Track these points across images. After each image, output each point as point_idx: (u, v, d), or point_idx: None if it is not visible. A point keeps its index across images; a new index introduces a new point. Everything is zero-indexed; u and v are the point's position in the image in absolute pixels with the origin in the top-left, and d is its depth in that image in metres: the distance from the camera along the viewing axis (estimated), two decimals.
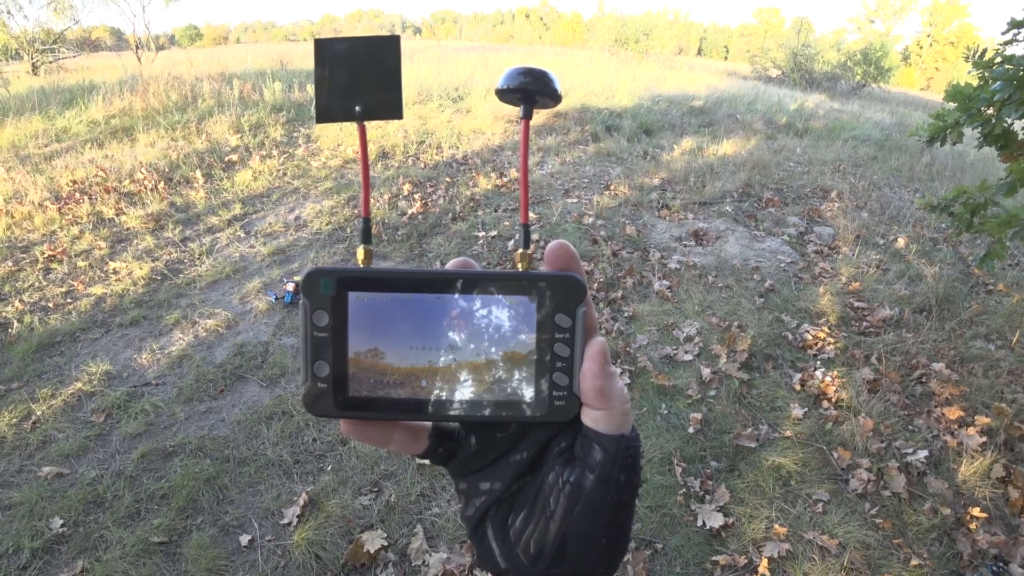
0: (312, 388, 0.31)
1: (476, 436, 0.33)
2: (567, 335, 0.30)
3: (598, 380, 0.30)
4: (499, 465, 0.33)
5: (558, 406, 0.30)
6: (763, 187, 5.61)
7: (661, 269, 3.89)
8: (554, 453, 0.31)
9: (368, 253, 0.33)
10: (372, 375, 0.30)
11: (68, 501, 2.19)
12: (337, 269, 0.30)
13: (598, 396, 0.30)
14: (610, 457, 0.29)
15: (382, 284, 0.30)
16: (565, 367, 0.30)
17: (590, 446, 0.30)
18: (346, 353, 0.30)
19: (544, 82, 0.32)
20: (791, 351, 3.05)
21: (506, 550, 0.31)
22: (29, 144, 6.49)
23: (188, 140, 6.44)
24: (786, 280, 3.81)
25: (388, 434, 0.32)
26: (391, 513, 2.10)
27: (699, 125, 8.05)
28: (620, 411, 0.30)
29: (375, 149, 6.17)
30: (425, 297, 0.30)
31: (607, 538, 0.30)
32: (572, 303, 0.30)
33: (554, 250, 0.32)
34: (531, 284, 0.30)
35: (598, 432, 0.30)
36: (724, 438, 2.42)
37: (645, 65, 14.53)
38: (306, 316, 0.30)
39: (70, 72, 12.20)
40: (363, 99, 0.33)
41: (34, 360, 3.04)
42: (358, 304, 0.30)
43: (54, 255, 4.12)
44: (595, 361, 0.30)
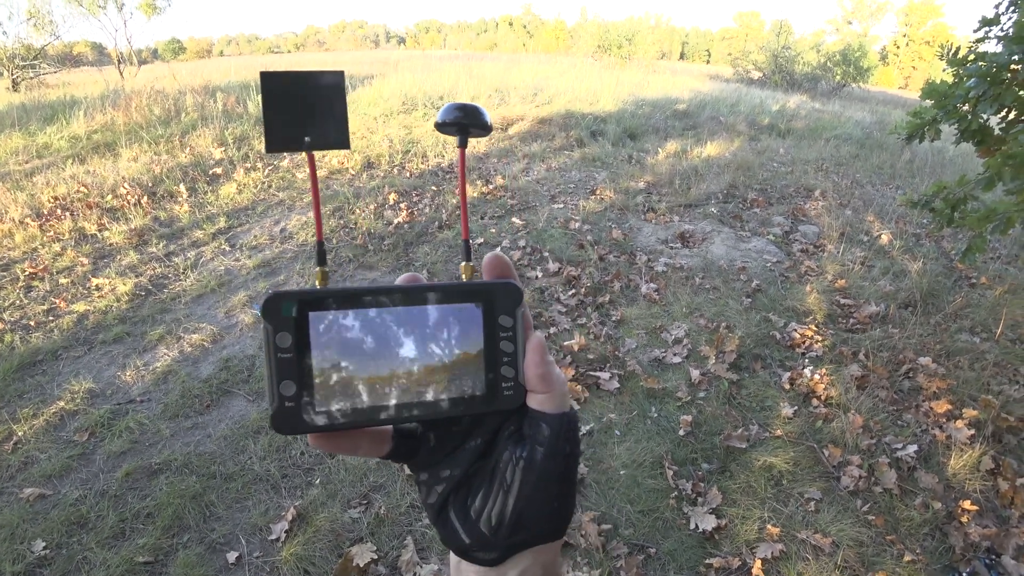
0: (280, 408, 0.32)
1: (434, 431, 0.36)
2: (510, 333, 0.34)
3: (540, 368, 0.34)
4: (456, 454, 0.36)
5: (507, 395, 0.34)
6: (747, 188, 5.65)
7: (648, 272, 3.90)
8: (505, 436, 0.35)
9: (324, 275, 0.36)
10: (337, 388, 0.32)
11: (50, 523, 2.14)
12: (297, 292, 0.32)
13: (541, 382, 0.34)
14: (555, 432, 0.33)
15: (340, 302, 0.32)
16: (511, 361, 0.34)
17: (537, 425, 0.34)
18: (311, 370, 0.32)
19: (475, 116, 0.37)
20: (779, 350, 3.06)
21: (469, 527, 0.35)
22: (9, 161, 6.39)
23: (172, 154, 6.38)
24: (772, 279, 3.83)
25: (355, 442, 0.34)
26: (381, 525, 2.07)
27: (683, 128, 8.12)
28: (560, 393, 0.34)
29: (361, 159, 6.15)
30: (381, 311, 0.32)
31: (558, 502, 0.34)
32: (512, 305, 0.34)
33: (492, 261, 0.36)
34: (476, 292, 0.34)
35: (544, 412, 0.34)
36: (715, 439, 2.42)
37: (628, 70, 14.65)
38: (269, 339, 0.31)
39: (51, 88, 12.08)
40: (311, 130, 0.35)
41: (15, 379, 2.98)
42: (319, 323, 0.32)
43: (35, 272, 4.05)
44: (536, 352, 0.34)
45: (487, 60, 13.83)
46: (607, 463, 2.31)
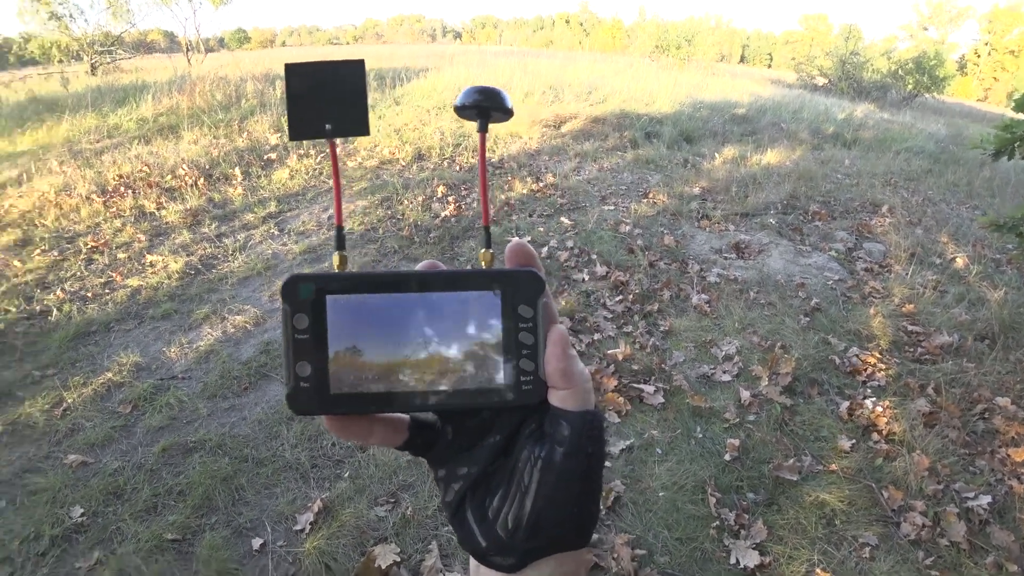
0: (295, 388, 0.32)
1: (452, 425, 0.35)
2: (530, 324, 0.33)
3: (561, 363, 0.32)
4: (475, 450, 0.34)
5: (526, 390, 0.33)
6: (809, 199, 5.36)
7: (700, 282, 3.72)
8: (525, 434, 0.33)
9: (343, 259, 0.36)
10: (352, 372, 0.32)
11: (90, 490, 2.19)
12: (315, 275, 0.32)
13: (562, 377, 0.32)
14: (577, 431, 0.31)
15: (358, 286, 0.32)
16: (530, 354, 0.33)
17: (558, 423, 0.32)
18: (326, 353, 0.32)
19: (496, 99, 0.36)
20: (838, 376, 2.85)
21: (485, 528, 0.33)
22: (82, 140, 6.73)
23: (229, 138, 6.57)
24: (833, 299, 3.59)
25: (369, 428, 0.34)
26: (406, 527, 2.02)
27: (742, 133, 7.80)
28: (583, 389, 0.32)
29: (412, 151, 6.16)
30: (399, 296, 0.32)
31: (579, 507, 0.32)
32: (533, 295, 0.33)
33: (514, 249, 0.35)
34: (495, 280, 0.33)
35: (565, 410, 0.32)
36: (763, 468, 2.26)
37: (686, 72, 14.25)
38: (287, 320, 0.32)
39: (125, 72, 12.71)
40: (332, 118, 0.36)
41: (69, 348, 3.09)
42: (336, 306, 0.32)
43: (96, 246, 4.22)
44: (557, 345, 0.32)
45: (542, 57, 13.71)
46: (646, 483, 2.19)
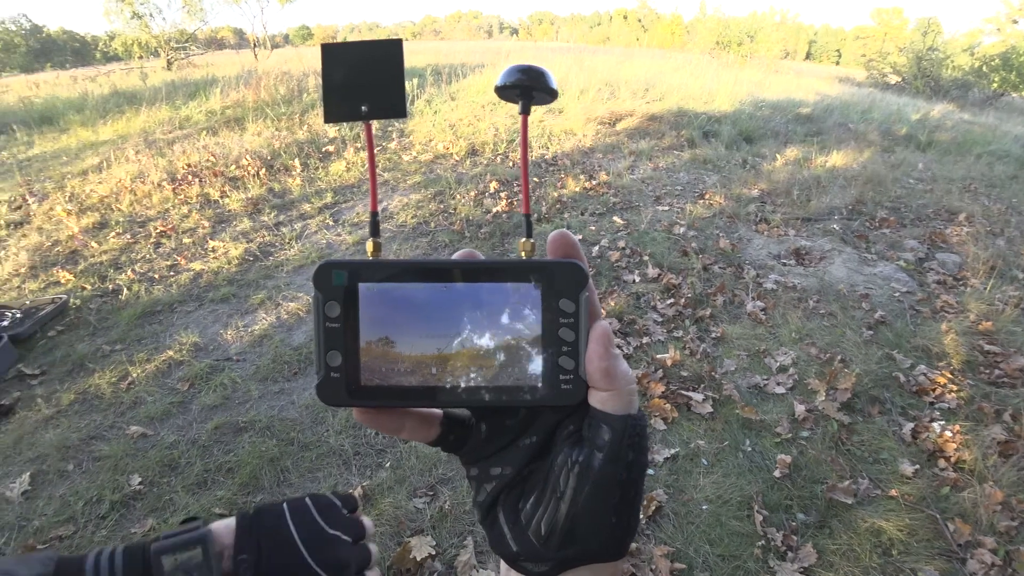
0: (325, 378, 0.31)
1: (486, 422, 0.34)
2: (571, 320, 0.31)
3: (603, 362, 0.30)
4: (509, 450, 0.33)
5: (565, 390, 0.31)
6: (877, 205, 5.05)
7: (756, 288, 3.57)
8: (563, 436, 0.32)
9: (377, 246, 0.35)
10: (383, 363, 0.31)
11: (147, 461, 2.31)
12: (348, 261, 0.31)
13: (604, 377, 0.30)
14: (618, 436, 0.30)
15: (391, 274, 0.31)
16: (571, 351, 0.31)
17: (598, 426, 0.30)
18: (358, 342, 0.31)
19: (540, 79, 0.33)
20: (903, 395, 2.67)
21: (517, 533, 0.32)
22: (156, 130, 7.14)
23: (291, 131, 6.80)
24: (900, 312, 3.37)
25: (400, 422, 0.33)
26: (443, 520, 2.03)
27: (805, 134, 7.45)
28: (626, 391, 0.30)
29: (465, 146, 6.20)
30: (433, 286, 0.31)
31: (616, 517, 0.30)
32: (575, 289, 0.31)
33: (556, 239, 0.33)
34: (535, 271, 0.31)
35: (605, 413, 0.30)
36: (816, 488, 2.14)
37: (748, 69, 13.73)
38: (318, 308, 0.31)
39: (197, 67, 13.39)
40: (369, 99, 0.35)
41: (136, 326, 3.28)
42: (368, 295, 0.31)
43: (165, 231, 4.46)
44: (600, 343, 0.30)
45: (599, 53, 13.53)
46: (689, 494, 2.12)
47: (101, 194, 5.12)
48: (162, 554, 0.53)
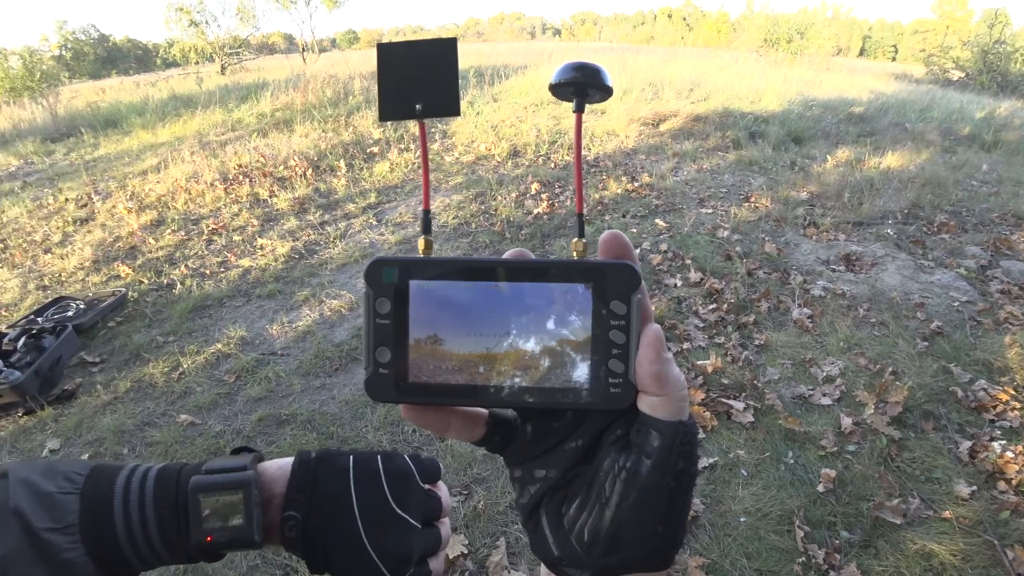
0: (374, 374, 0.32)
1: (532, 424, 0.33)
2: (623, 322, 0.30)
3: (655, 366, 0.30)
4: (554, 453, 0.33)
5: (614, 393, 0.31)
6: (935, 208, 4.80)
7: (802, 295, 3.45)
8: (609, 440, 0.31)
9: (428, 243, 0.35)
10: (431, 361, 0.31)
11: (195, 449, 2.41)
12: (400, 259, 0.32)
13: (655, 382, 0.30)
14: (667, 443, 0.29)
15: (442, 272, 0.31)
16: (621, 354, 0.30)
17: (647, 432, 0.30)
18: (407, 340, 0.31)
19: (595, 76, 0.33)
20: (960, 411, 2.52)
21: (560, 537, 0.31)
22: (210, 132, 7.45)
23: (336, 132, 6.98)
24: (959, 323, 3.19)
25: (446, 420, 0.33)
26: (477, 520, 2.04)
27: (858, 134, 7.14)
28: (677, 397, 0.30)
29: (507, 147, 6.22)
30: (483, 285, 0.31)
31: (663, 527, 0.30)
32: (627, 290, 0.30)
33: (608, 239, 0.32)
34: (587, 272, 0.31)
35: (655, 418, 0.30)
36: (862, 506, 2.04)
37: (797, 67, 13.26)
38: (369, 304, 0.32)
39: (249, 72, 13.93)
40: (423, 98, 0.35)
41: (188, 319, 3.43)
42: (419, 292, 0.31)
43: (216, 229, 4.65)
44: (651, 347, 0.30)
45: (642, 53, 13.33)
46: (726, 505, 2.06)
47: (159, 193, 5.39)
48: (199, 492, 0.47)
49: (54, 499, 0.45)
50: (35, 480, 0.46)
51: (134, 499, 0.47)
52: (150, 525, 0.46)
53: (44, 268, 4.21)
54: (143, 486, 0.48)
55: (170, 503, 0.47)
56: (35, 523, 0.43)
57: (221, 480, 0.48)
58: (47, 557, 0.43)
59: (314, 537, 0.49)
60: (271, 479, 0.50)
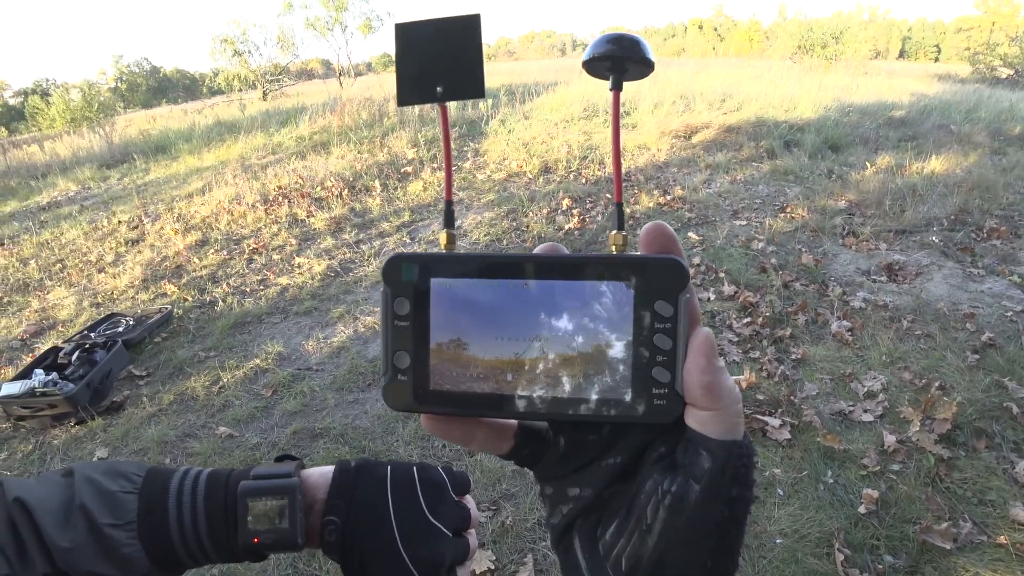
0: (392, 380, 0.30)
1: (565, 437, 0.31)
2: (668, 325, 0.27)
3: (706, 375, 0.26)
4: (589, 470, 0.30)
5: (658, 405, 0.27)
6: (985, 214, 4.58)
7: (842, 307, 3.34)
8: (652, 459, 0.28)
9: (451, 238, 0.33)
10: (454, 367, 0.29)
11: (232, 460, 2.49)
12: (420, 254, 0.30)
13: (706, 394, 0.26)
14: (720, 466, 0.26)
15: (467, 269, 0.29)
16: (666, 361, 0.27)
17: (696, 452, 0.26)
18: (428, 343, 0.29)
19: (633, 48, 0.30)
20: (1016, 429, 2.38)
21: (594, 564, 0.29)
22: (252, 156, 7.77)
23: (372, 153, 7.18)
24: (1014, 334, 3.02)
25: (471, 432, 0.31)
26: (505, 536, 2.04)
27: (899, 139, 6.90)
28: (731, 412, 0.26)
29: (539, 164, 6.27)
30: (512, 283, 0.29)
31: (712, 560, 0.26)
32: (674, 289, 0.27)
33: (651, 231, 0.29)
34: (627, 268, 0.28)
35: (706, 437, 0.26)
36: (907, 529, 1.94)
37: (833, 73, 12.96)
38: (387, 304, 0.30)
39: (289, 97, 14.51)
40: (444, 80, 0.33)
41: (228, 335, 3.56)
42: (441, 291, 0.29)
43: (257, 248, 4.83)
44: (701, 353, 0.27)
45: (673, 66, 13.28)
46: (761, 526, 1.99)
47: (203, 215, 5.64)
48: (248, 496, 0.50)
49: (116, 498, 0.49)
50: (99, 479, 0.50)
51: (187, 500, 0.51)
52: (200, 524, 0.50)
53: (98, 286, 4.44)
54: (195, 488, 0.51)
55: (219, 505, 0.51)
56: (99, 519, 0.47)
57: (268, 485, 0.51)
58: (109, 552, 0.47)
59: (351, 542, 0.51)
60: (313, 485, 0.54)
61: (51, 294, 4.42)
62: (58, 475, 0.51)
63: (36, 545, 0.46)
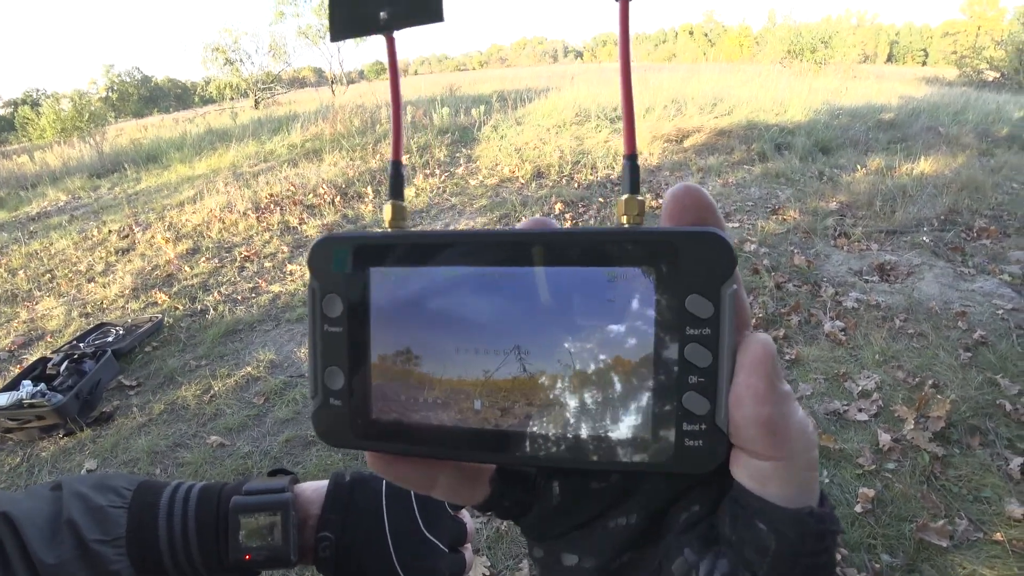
0: (324, 406, 0.23)
1: (560, 485, 0.23)
2: (707, 331, 0.19)
3: (764, 407, 0.18)
4: (593, 530, 0.22)
5: (691, 447, 0.19)
6: (974, 213, 4.62)
7: (835, 307, 3.35)
8: (680, 524, 0.20)
9: (398, 212, 0.25)
10: (403, 390, 0.22)
11: (223, 469, 2.46)
12: (356, 235, 0.22)
13: (765, 434, 0.18)
14: (789, 549, 0.17)
15: (417, 254, 0.21)
16: (704, 384, 0.19)
17: (750, 524, 0.18)
18: (368, 356, 0.22)
19: None
20: (1009, 425, 2.38)
21: None
22: (244, 164, 7.75)
23: (364, 160, 7.17)
24: (1005, 332, 3.04)
25: (430, 476, 0.23)
26: (500, 541, 2.02)
27: (889, 141, 6.97)
28: (803, 463, 0.18)
29: (531, 169, 6.27)
30: (482, 272, 0.21)
31: None
32: (715, 278, 0.19)
33: (680, 196, 0.20)
34: (647, 247, 0.19)
35: (765, 501, 0.18)
36: (903, 527, 1.94)
37: (823, 76, 13.09)
38: (314, 304, 0.23)
39: (281, 105, 14.51)
40: (388, 3, 0.25)
41: (220, 343, 3.53)
42: (384, 284, 0.22)
43: (248, 256, 4.80)
44: (758, 373, 0.18)
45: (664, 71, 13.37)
46: None
47: (195, 223, 5.61)
48: (240, 512, 0.49)
49: (105, 512, 0.48)
50: (87, 493, 0.48)
51: (177, 515, 0.49)
52: (191, 540, 0.49)
53: (87, 296, 4.40)
54: (186, 503, 0.50)
55: (211, 520, 0.49)
56: (87, 535, 0.46)
57: (260, 501, 0.49)
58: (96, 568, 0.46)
59: (346, 557, 0.50)
60: (307, 500, 0.52)
61: (40, 304, 4.37)
62: (46, 489, 0.50)
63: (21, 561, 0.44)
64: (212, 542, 0.49)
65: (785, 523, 0.18)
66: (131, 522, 0.48)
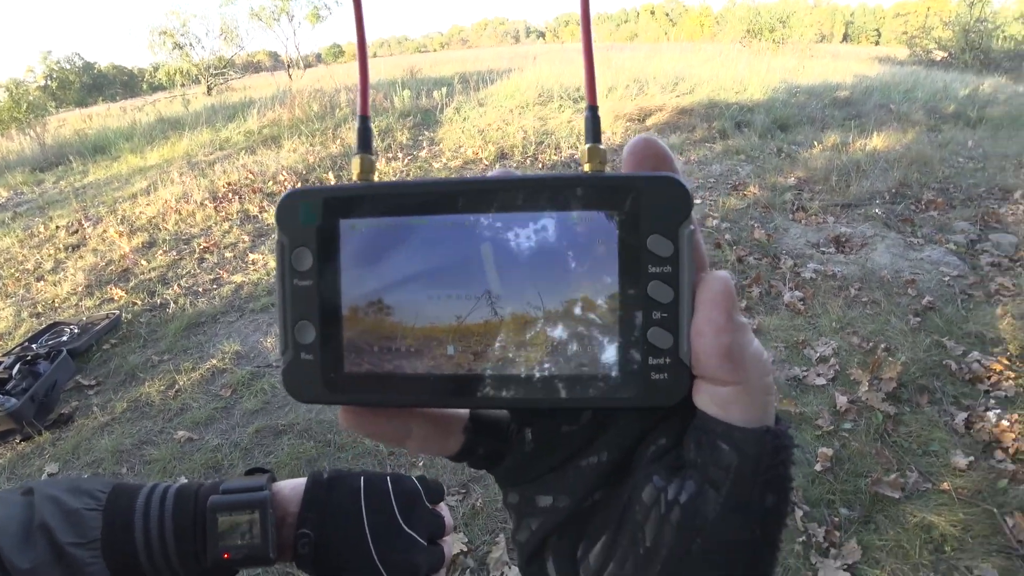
0: (294, 362, 0.23)
1: (532, 430, 0.24)
2: (668, 268, 0.20)
3: (723, 336, 0.19)
4: (565, 472, 0.23)
5: (657, 381, 0.20)
6: (923, 187, 4.82)
7: (793, 278, 3.46)
8: (649, 456, 0.21)
9: (367, 164, 0.25)
10: (376, 340, 0.22)
11: (193, 464, 2.41)
12: (324, 188, 0.23)
13: (724, 362, 0.19)
14: (749, 465, 0.19)
15: (387, 205, 0.22)
16: (667, 319, 0.20)
17: (714, 446, 0.19)
18: (339, 308, 0.22)
19: None
20: (955, 384, 2.53)
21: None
22: (199, 153, 7.47)
23: (324, 145, 7.00)
24: (951, 297, 3.20)
25: (404, 427, 0.23)
26: (475, 517, 2.04)
27: (843, 118, 7.18)
28: (760, 387, 0.19)
29: (494, 150, 6.24)
30: (450, 220, 0.21)
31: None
32: (673, 219, 0.20)
33: (639, 148, 0.22)
34: (608, 191, 0.21)
35: (727, 423, 0.19)
36: (859, 482, 2.05)
37: (781, 56, 13.35)
38: (283, 258, 0.23)
39: (235, 91, 13.97)
40: None
41: (182, 337, 3.44)
42: (354, 236, 0.22)
43: (208, 247, 4.66)
44: (716, 306, 0.19)
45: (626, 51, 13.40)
46: None
47: (149, 215, 5.40)
48: (217, 511, 0.49)
49: (79, 515, 0.47)
50: (61, 497, 0.48)
51: (154, 515, 0.49)
52: (168, 541, 0.49)
53: (37, 296, 4.21)
54: (163, 503, 0.49)
55: (188, 520, 0.49)
56: (61, 538, 0.45)
57: (238, 499, 0.49)
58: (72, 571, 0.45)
59: (325, 554, 0.50)
60: (285, 499, 0.52)
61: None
62: (16, 494, 0.49)
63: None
64: (190, 542, 0.49)
65: (746, 442, 0.19)
66: (106, 524, 0.48)
